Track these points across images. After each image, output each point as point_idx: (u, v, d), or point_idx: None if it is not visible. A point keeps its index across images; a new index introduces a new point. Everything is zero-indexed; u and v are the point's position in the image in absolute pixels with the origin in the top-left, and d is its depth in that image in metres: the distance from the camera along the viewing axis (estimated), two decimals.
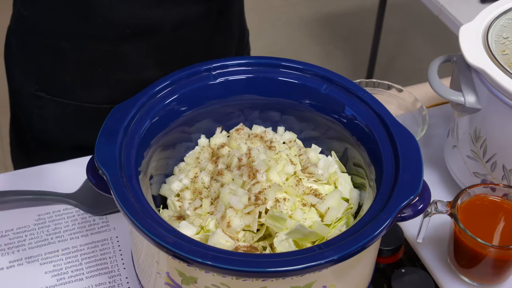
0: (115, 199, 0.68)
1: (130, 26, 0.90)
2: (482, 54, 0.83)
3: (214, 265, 0.62)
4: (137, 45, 0.93)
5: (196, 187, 0.79)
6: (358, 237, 0.65)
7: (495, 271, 0.82)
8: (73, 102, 0.99)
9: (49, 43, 0.93)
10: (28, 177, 0.97)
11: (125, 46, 0.92)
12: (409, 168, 0.71)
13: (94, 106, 1.00)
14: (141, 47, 0.93)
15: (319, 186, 0.79)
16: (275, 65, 0.84)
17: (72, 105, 1.00)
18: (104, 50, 0.92)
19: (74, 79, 0.97)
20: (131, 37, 0.92)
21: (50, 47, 0.94)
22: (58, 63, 0.95)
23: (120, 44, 0.92)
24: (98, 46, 0.92)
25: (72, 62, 0.94)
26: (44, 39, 0.93)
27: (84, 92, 0.98)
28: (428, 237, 0.89)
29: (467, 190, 0.82)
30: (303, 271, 0.63)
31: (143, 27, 0.91)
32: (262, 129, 0.87)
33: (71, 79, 0.97)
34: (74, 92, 0.98)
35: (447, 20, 1.80)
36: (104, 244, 0.89)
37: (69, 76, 0.96)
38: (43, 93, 0.99)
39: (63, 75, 0.97)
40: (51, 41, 0.93)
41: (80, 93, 0.98)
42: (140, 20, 0.90)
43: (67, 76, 0.97)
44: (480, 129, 0.86)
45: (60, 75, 0.97)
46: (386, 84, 1.03)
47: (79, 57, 0.94)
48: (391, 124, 0.76)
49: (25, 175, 0.98)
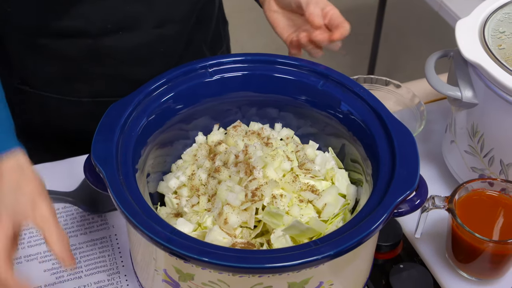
0: (112, 196, 0.68)
1: (110, 21, 0.91)
2: (478, 48, 0.83)
3: (211, 261, 0.63)
4: (118, 41, 0.93)
5: (193, 184, 0.79)
6: (354, 232, 0.65)
7: (493, 266, 0.82)
8: (55, 95, 1.00)
9: (30, 39, 0.93)
10: None
11: (106, 41, 0.93)
12: (405, 163, 0.71)
13: (75, 100, 1.00)
14: (122, 43, 0.93)
15: (316, 182, 0.79)
16: (271, 62, 0.84)
17: (55, 98, 1.00)
18: (85, 45, 0.93)
19: (56, 73, 0.97)
20: (112, 33, 0.92)
21: (31, 43, 0.94)
22: (39, 58, 0.96)
23: (101, 40, 0.92)
24: (79, 41, 0.92)
25: (54, 58, 0.95)
26: (25, 35, 0.93)
27: (66, 86, 0.99)
28: (426, 232, 0.89)
29: (465, 185, 0.82)
30: (299, 266, 0.63)
31: (124, 23, 0.92)
32: (259, 126, 0.87)
33: (53, 73, 0.97)
34: (55, 86, 0.99)
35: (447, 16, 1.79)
36: (102, 242, 0.89)
37: (51, 71, 0.97)
38: (27, 86, 1.00)
39: (45, 70, 0.97)
40: (32, 37, 0.93)
41: (62, 87, 0.99)
42: (120, 15, 0.91)
43: (48, 70, 0.97)
44: (477, 124, 0.86)
45: (43, 69, 0.97)
46: (384, 80, 1.03)
47: (60, 53, 0.94)
48: (388, 120, 0.76)
49: None
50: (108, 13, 0.90)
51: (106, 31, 0.91)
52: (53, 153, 1.01)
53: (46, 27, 0.91)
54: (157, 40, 0.96)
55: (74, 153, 0.99)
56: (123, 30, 0.92)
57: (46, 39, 0.93)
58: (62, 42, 0.93)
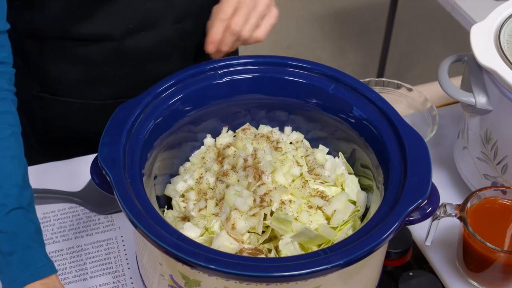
0: (118, 200, 0.67)
1: (132, 21, 0.90)
2: (493, 54, 0.81)
3: (218, 269, 0.61)
4: (140, 40, 0.92)
5: (201, 188, 0.78)
6: (365, 241, 0.64)
7: (505, 276, 0.80)
8: (78, 100, 0.99)
9: (52, 44, 0.93)
10: (33, 175, 0.96)
11: (129, 42, 0.92)
12: (417, 171, 0.70)
13: (98, 103, 0.99)
14: (144, 42, 0.93)
15: (325, 188, 0.78)
16: (282, 65, 0.83)
17: (77, 103, 0.99)
18: (108, 48, 0.92)
19: (79, 78, 0.96)
20: (134, 32, 0.91)
21: (54, 48, 0.93)
22: (62, 64, 0.95)
23: (124, 40, 0.92)
24: (102, 44, 0.92)
25: (77, 63, 0.94)
26: (47, 40, 0.93)
27: (89, 90, 0.98)
28: (437, 240, 0.88)
29: (477, 192, 0.81)
30: (308, 275, 0.62)
31: (145, 21, 0.91)
32: (268, 129, 0.85)
33: (76, 79, 0.96)
34: (78, 91, 0.98)
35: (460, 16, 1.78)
36: (108, 244, 0.89)
37: (74, 76, 0.96)
38: (46, 94, 0.99)
39: (68, 76, 0.96)
40: (54, 42, 0.92)
41: (85, 91, 0.98)
42: (141, 14, 0.90)
43: (72, 76, 0.96)
44: (491, 130, 0.84)
45: (65, 75, 0.96)
46: (395, 83, 1.02)
47: (84, 57, 0.93)
48: (400, 126, 0.75)
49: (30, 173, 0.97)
50: (129, 13, 0.89)
51: (129, 31, 0.91)
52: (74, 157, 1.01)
53: (70, 33, 0.90)
54: (177, 36, 0.95)
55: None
56: (144, 29, 0.92)
57: (70, 43, 0.92)
58: (86, 47, 0.92)
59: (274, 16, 0.88)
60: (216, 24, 0.85)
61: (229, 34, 0.85)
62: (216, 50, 0.87)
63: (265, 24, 0.88)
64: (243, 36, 0.86)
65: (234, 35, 0.85)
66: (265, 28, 0.88)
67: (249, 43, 0.88)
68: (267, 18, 0.88)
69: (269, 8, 0.88)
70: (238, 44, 0.88)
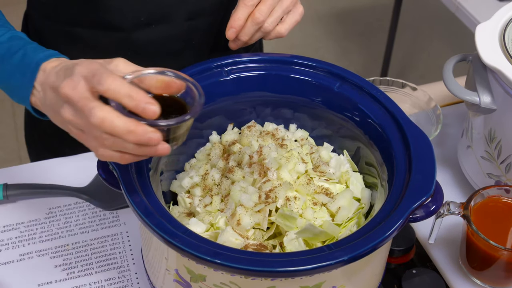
0: (124, 195, 0.68)
1: (143, 13, 0.90)
2: (498, 54, 0.82)
3: (223, 263, 0.62)
4: (151, 34, 0.92)
5: (206, 184, 0.79)
6: (369, 238, 0.65)
7: (508, 274, 0.81)
8: None
9: (64, 30, 0.93)
10: (39, 170, 0.98)
11: (139, 35, 0.92)
12: (421, 168, 0.71)
13: None
14: (155, 36, 0.93)
15: (330, 185, 0.78)
16: (288, 62, 0.83)
17: None
18: (118, 38, 0.92)
19: None
20: (145, 25, 0.91)
21: (65, 35, 0.93)
22: (73, 51, 0.95)
23: (134, 32, 0.92)
24: (112, 34, 0.92)
25: (87, 50, 0.94)
26: (59, 26, 0.93)
27: None
28: (440, 237, 0.88)
29: (481, 191, 0.81)
30: (312, 271, 0.63)
31: (156, 15, 0.91)
32: (274, 126, 0.86)
33: None
34: None
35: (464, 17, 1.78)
36: (114, 239, 0.89)
37: None
38: None
39: None
40: (66, 28, 0.93)
41: None
42: (152, 7, 0.90)
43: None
44: (495, 129, 0.84)
45: None
46: (400, 83, 1.02)
47: (93, 45, 0.93)
48: (405, 124, 0.75)
49: (37, 168, 0.98)
50: (140, 4, 0.89)
51: (139, 23, 0.91)
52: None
53: (80, 18, 0.91)
54: (189, 32, 0.95)
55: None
56: (156, 22, 0.91)
57: (80, 30, 0.92)
58: (95, 34, 0.92)
59: (299, 13, 0.85)
60: (241, 9, 0.82)
61: (251, 22, 0.82)
62: (236, 38, 0.84)
63: (289, 20, 0.85)
64: (265, 28, 0.83)
65: (256, 25, 0.82)
66: (289, 24, 0.85)
67: (270, 38, 0.85)
68: (292, 14, 0.85)
69: (295, 5, 0.85)
70: (258, 36, 0.84)
